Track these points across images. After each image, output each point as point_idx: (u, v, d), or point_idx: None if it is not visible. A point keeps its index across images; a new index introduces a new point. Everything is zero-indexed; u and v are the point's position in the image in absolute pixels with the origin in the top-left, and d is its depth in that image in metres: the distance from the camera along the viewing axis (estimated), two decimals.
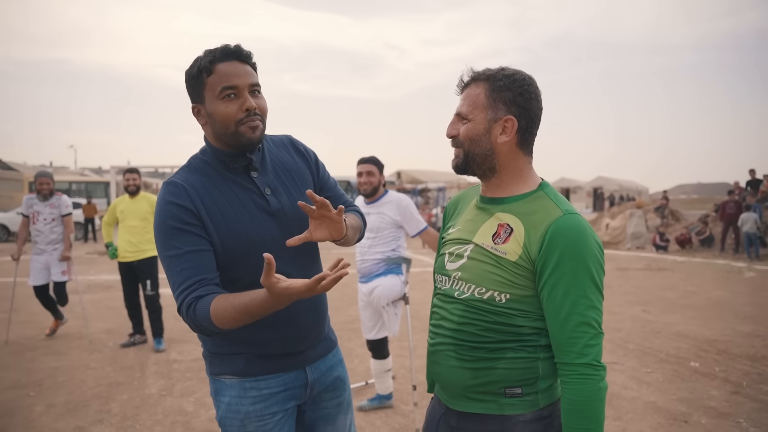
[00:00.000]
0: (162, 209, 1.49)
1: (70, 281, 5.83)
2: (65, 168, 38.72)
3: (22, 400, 4.08)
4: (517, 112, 1.36)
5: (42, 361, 5.05)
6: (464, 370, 1.37)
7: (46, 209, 5.57)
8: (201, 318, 1.41)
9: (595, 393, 1.26)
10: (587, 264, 1.28)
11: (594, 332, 1.28)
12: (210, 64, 1.47)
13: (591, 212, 34.91)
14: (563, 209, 1.33)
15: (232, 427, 1.59)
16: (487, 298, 1.34)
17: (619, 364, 4.82)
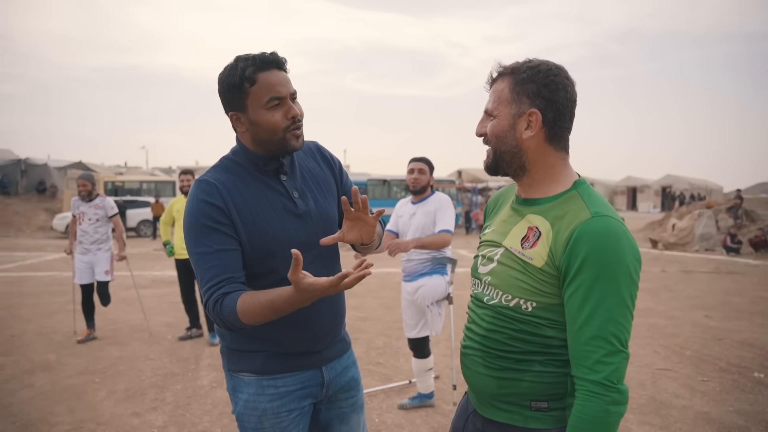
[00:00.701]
0: (194, 207, 1.52)
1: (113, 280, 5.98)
2: (138, 168, 40.84)
3: (89, 386, 4.39)
4: (542, 105, 1.28)
5: (107, 350, 5.40)
6: (490, 378, 1.33)
7: (90, 210, 5.75)
8: (227, 313, 1.45)
9: (602, 415, 1.16)
10: (614, 272, 1.17)
11: (610, 348, 1.17)
12: (253, 74, 1.49)
13: (659, 212, 33.41)
14: (593, 211, 1.23)
15: (250, 423, 1.63)
16: (514, 305, 1.28)
17: (673, 371, 4.63)
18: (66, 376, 4.63)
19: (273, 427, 1.62)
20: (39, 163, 28.68)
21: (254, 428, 1.63)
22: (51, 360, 5.09)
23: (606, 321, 1.17)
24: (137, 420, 3.71)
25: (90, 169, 29.14)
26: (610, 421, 1.17)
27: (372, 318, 6.77)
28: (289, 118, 1.54)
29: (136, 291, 6.95)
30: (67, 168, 28.52)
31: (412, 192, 3.83)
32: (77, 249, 5.87)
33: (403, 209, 3.92)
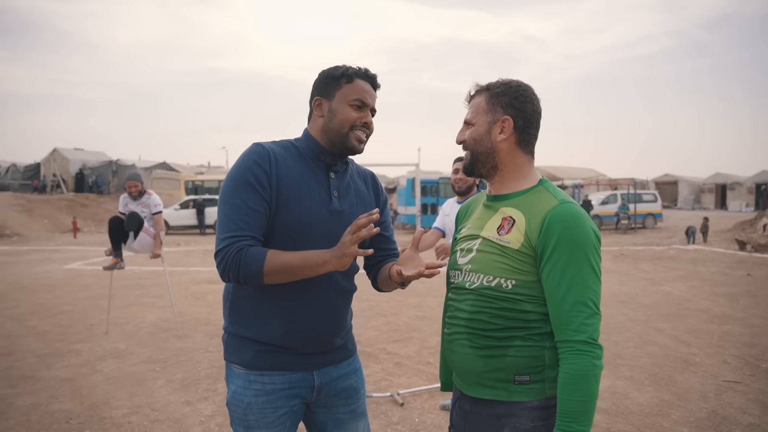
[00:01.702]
0: (244, 162, 1.60)
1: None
2: (220, 168, 42.84)
3: (150, 374, 4.68)
4: (513, 113, 1.50)
5: (171, 342, 5.73)
6: (477, 358, 1.46)
7: (138, 207, 5.88)
8: (253, 259, 1.50)
9: (590, 368, 1.34)
10: (583, 248, 1.38)
11: (590, 311, 1.37)
12: (353, 75, 1.68)
13: (751, 211, 30.94)
14: (559, 199, 1.44)
15: (236, 413, 1.68)
16: (495, 285, 1.44)
17: (743, 384, 4.29)
18: (131, 363, 4.96)
19: (257, 421, 1.65)
20: (128, 163, 30.77)
21: (240, 419, 1.67)
22: (120, 348, 5.47)
23: (583, 289, 1.37)
24: (188, 408, 3.91)
25: (173, 169, 30.95)
26: (596, 374, 1.35)
27: (429, 317, 6.75)
28: (362, 121, 1.68)
29: (206, 285, 7.30)
30: (153, 168, 30.41)
31: (457, 192, 3.84)
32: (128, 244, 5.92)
33: (449, 208, 3.94)
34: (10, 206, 24.61)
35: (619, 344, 5.43)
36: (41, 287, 9.34)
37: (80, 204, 26.83)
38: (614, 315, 6.80)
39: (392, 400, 4.05)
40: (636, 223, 22.54)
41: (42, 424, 3.69)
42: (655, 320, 6.46)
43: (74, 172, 30.39)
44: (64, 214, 25.44)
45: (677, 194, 41.62)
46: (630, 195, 23.17)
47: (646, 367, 4.72)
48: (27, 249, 16.85)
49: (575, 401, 1.33)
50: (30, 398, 4.14)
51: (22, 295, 8.56)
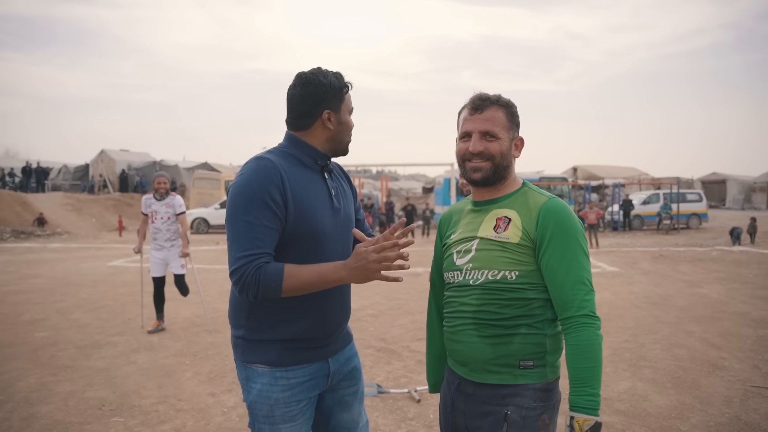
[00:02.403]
0: (256, 180, 1.62)
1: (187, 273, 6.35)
2: None
3: (179, 366, 4.88)
4: (517, 133, 1.72)
5: (202, 336, 5.95)
6: (485, 346, 1.60)
7: (162, 208, 5.98)
8: (270, 276, 1.55)
9: (594, 338, 1.51)
10: (575, 234, 1.58)
11: (587, 288, 1.55)
12: (348, 85, 1.79)
13: None
14: (547, 196, 1.64)
15: (261, 411, 1.73)
16: (500, 278, 1.59)
17: None
18: (163, 356, 5.19)
19: (283, 415, 1.72)
20: (171, 164, 31.74)
21: (265, 416, 1.73)
22: (154, 342, 5.72)
23: (580, 269, 1.55)
24: (212, 399, 4.08)
25: (214, 170, 31.72)
26: (599, 342, 1.52)
27: None
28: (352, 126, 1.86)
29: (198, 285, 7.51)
30: (195, 168, 31.27)
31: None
32: (152, 246, 6.16)
33: None
34: (61, 206, 25.78)
35: (645, 346, 5.33)
36: (86, 283, 9.80)
37: (125, 203, 27.84)
38: (644, 317, 6.67)
39: (409, 397, 4.12)
40: (679, 224, 21.85)
41: (77, 409, 3.92)
42: (686, 323, 6.30)
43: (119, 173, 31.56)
44: (110, 213, 26.47)
45: (725, 193, 40.06)
46: (673, 194, 22.48)
47: (671, 369, 4.63)
48: (75, 246, 17.64)
49: (585, 368, 1.49)
50: (68, 385, 4.40)
51: (69, 290, 9.00)
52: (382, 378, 4.55)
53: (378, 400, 4.04)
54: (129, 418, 3.75)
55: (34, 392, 4.26)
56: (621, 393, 4.12)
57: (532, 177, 25.02)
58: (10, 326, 6.44)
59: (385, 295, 8.05)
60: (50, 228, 22.62)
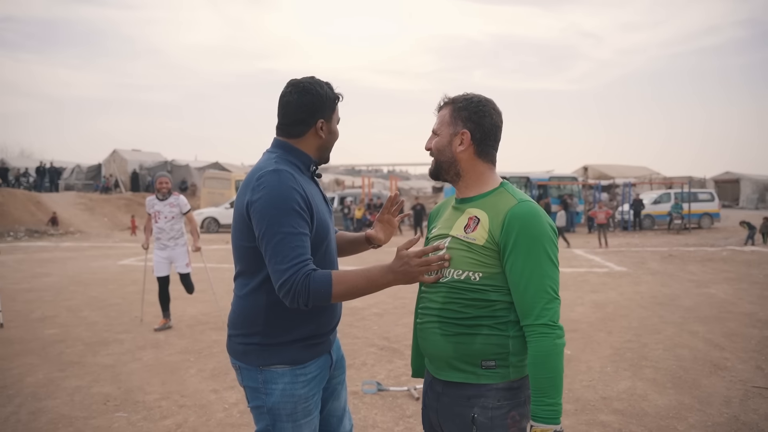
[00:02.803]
0: (283, 191, 1.65)
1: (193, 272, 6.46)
2: None
3: (183, 363, 4.96)
4: (471, 127, 1.66)
5: (208, 334, 6.02)
6: (447, 344, 1.62)
7: (165, 208, 6.06)
8: (320, 284, 1.60)
9: (552, 348, 1.50)
10: (541, 240, 1.54)
11: (549, 297, 1.52)
12: (339, 96, 1.86)
13: None
14: (518, 199, 1.60)
15: (285, 410, 1.74)
16: (464, 278, 1.59)
17: None
18: (168, 353, 5.27)
19: (303, 411, 1.77)
20: (182, 164, 32.01)
21: (289, 414, 1.75)
22: (160, 339, 5.80)
23: (542, 277, 1.53)
24: (214, 396, 4.14)
25: (225, 169, 31.94)
26: (558, 351, 1.50)
27: None
28: None
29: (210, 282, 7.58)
30: (206, 168, 31.50)
31: None
32: (156, 245, 6.25)
33: None
34: (74, 205, 26.10)
35: (648, 346, 5.32)
36: (96, 281, 9.94)
37: (137, 203, 28.10)
38: (649, 317, 6.65)
39: (409, 394, 4.15)
40: (690, 224, 21.66)
41: (83, 404, 4.00)
42: (691, 323, 6.27)
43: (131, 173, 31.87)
44: (122, 213, 26.76)
45: (739, 193, 39.61)
46: (684, 194, 22.29)
47: (672, 369, 4.63)
48: (87, 245, 17.86)
49: (543, 378, 1.50)
50: (75, 381, 4.49)
51: (79, 288, 9.14)
52: (383, 376, 4.59)
53: (377, 398, 4.08)
54: (132, 414, 3.83)
55: (42, 387, 4.35)
56: (620, 392, 4.12)
57: (541, 176, 24.92)
58: (21, 323, 6.57)
59: (390, 294, 8.08)
60: (63, 227, 22.92)
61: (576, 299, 7.85)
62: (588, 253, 14.14)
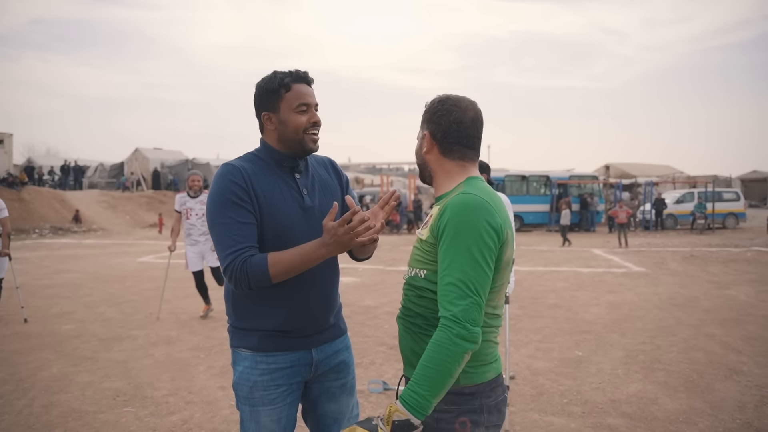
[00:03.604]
0: (220, 184, 1.76)
1: None
2: None
3: (194, 360, 5.01)
4: (431, 128, 1.65)
5: (220, 331, 6.08)
6: (406, 340, 1.63)
7: (197, 205, 6.41)
8: (257, 268, 1.67)
9: (447, 342, 1.38)
10: (463, 233, 1.45)
11: (460, 293, 1.41)
12: (289, 83, 1.81)
13: None
14: (462, 191, 1.54)
15: (242, 392, 1.85)
16: (414, 275, 1.60)
17: None
18: (179, 350, 5.33)
19: (261, 398, 1.83)
20: (202, 162, 32.38)
21: (246, 397, 1.84)
22: (173, 336, 5.87)
23: (456, 271, 1.43)
24: (221, 393, 4.18)
25: None
26: (453, 350, 1.38)
27: None
28: (311, 122, 1.84)
29: None
30: None
31: None
32: (187, 241, 6.56)
33: None
34: (97, 203, 26.61)
35: (662, 348, 5.22)
36: (114, 278, 10.12)
37: (158, 201, 28.55)
38: (665, 318, 6.52)
39: None
40: (714, 223, 21.23)
41: (93, 398, 4.07)
42: (708, 325, 6.14)
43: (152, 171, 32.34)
44: (143, 211, 27.20)
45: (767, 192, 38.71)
46: (708, 193, 21.84)
47: (685, 373, 4.53)
48: (108, 242, 18.19)
49: (423, 365, 1.40)
50: (88, 376, 4.57)
51: (97, 285, 9.31)
52: (390, 375, 4.58)
53: (383, 397, 4.08)
54: (140, 409, 3.88)
55: (55, 381, 4.44)
56: (630, 395, 4.05)
57: (561, 175, 24.65)
58: (40, 318, 6.71)
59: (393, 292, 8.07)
60: (86, 224, 23.38)
61: (591, 300, 7.75)
62: (607, 253, 13.95)
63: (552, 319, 6.53)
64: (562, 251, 14.80)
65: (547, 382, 4.35)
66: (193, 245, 6.53)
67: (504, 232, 1.50)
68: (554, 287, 8.86)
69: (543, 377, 4.47)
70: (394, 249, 15.14)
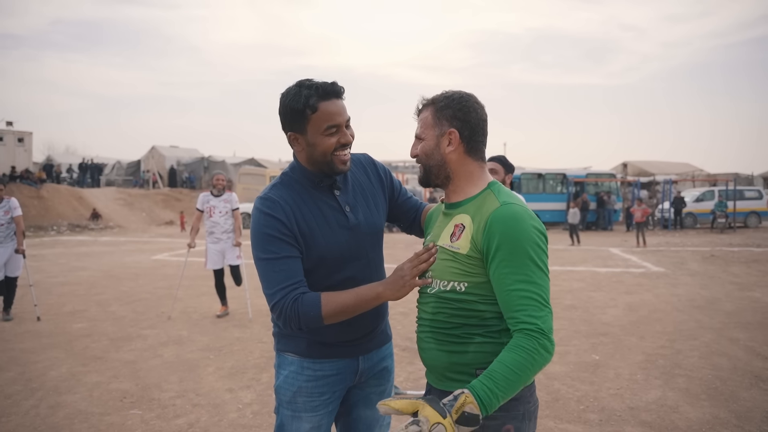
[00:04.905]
0: (259, 219, 1.69)
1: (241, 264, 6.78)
2: None
3: (203, 360, 4.96)
4: (458, 125, 1.57)
5: (230, 331, 6.03)
6: (441, 353, 1.56)
7: (220, 204, 6.56)
8: (308, 307, 1.60)
9: (534, 350, 1.35)
10: (523, 245, 1.43)
11: (537, 304, 1.40)
12: (316, 103, 1.65)
13: None
14: (501, 201, 1.50)
15: (285, 396, 1.80)
16: (449, 288, 1.53)
17: None
18: (189, 350, 5.28)
19: (304, 404, 1.79)
20: (218, 160, 32.56)
21: (288, 401, 1.80)
22: (183, 336, 5.83)
23: (527, 283, 1.41)
24: (229, 395, 4.11)
25: (261, 165, 32.32)
26: (538, 359, 1.36)
27: None
28: (341, 143, 1.70)
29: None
30: (242, 164, 31.95)
31: None
32: (209, 239, 6.62)
33: None
34: (114, 200, 26.87)
35: (682, 352, 5.05)
36: (128, 276, 10.14)
37: (174, 198, 28.76)
38: (685, 321, 6.33)
39: None
40: (735, 222, 20.79)
41: (101, 400, 4.03)
42: (731, 329, 5.94)
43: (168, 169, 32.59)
44: (159, 208, 27.40)
45: None
46: (729, 191, 21.39)
47: (707, 379, 4.36)
48: (124, 240, 18.34)
49: (506, 367, 1.35)
50: (96, 376, 4.53)
51: (110, 283, 9.34)
52: (402, 378, 4.48)
53: None
54: (146, 411, 3.82)
55: (63, 381, 4.41)
56: (649, 402, 3.90)
57: (578, 173, 24.33)
58: (52, 317, 6.72)
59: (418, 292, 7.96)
60: (103, 222, 23.61)
61: (609, 301, 7.57)
62: (624, 253, 13.70)
63: (568, 321, 6.38)
64: (579, 250, 14.57)
65: (563, 387, 4.22)
66: (216, 243, 6.60)
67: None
68: (570, 287, 8.68)
69: (559, 382, 4.33)
70: (408, 248, 15.05)
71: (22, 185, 23.18)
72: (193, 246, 6.75)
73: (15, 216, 6.47)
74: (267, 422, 3.63)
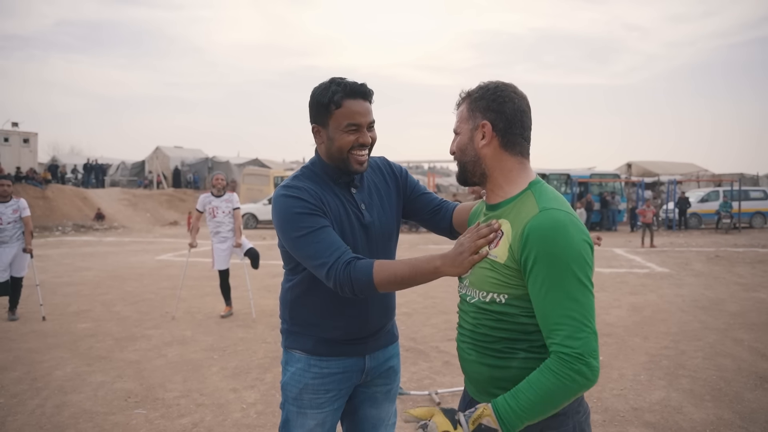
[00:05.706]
0: (286, 203, 1.67)
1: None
2: None
3: (207, 361, 4.97)
4: (492, 117, 1.45)
5: (234, 331, 6.04)
6: (482, 366, 1.45)
7: (222, 204, 6.60)
8: (360, 273, 1.54)
9: (566, 376, 1.25)
10: (565, 260, 1.29)
11: (576, 325, 1.27)
12: (340, 99, 1.67)
13: None
14: (541, 206, 1.36)
15: (291, 392, 1.83)
16: (489, 300, 1.42)
17: None
18: (193, 350, 5.30)
19: (310, 401, 1.81)
20: (222, 160, 32.62)
21: (294, 398, 1.83)
22: (187, 336, 5.85)
23: (567, 300, 1.28)
24: (233, 395, 4.12)
25: (265, 166, 32.35)
26: (570, 387, 1.26)
27: None
28: (359, 143, 1.71)
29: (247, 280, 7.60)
30: (245, 165, 32.00)
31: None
32: (215, 240, 6.64)
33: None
34: (118, 201, 26.95)
35: (686, 353, 5.03)
36: (132, 276, 10.18)
37: (179, 199, 28.82)
38: (689, 322, 6.32)
39: (429, 399, 4.04)
40: (740, 223, 20.71)
41: (105, 399, 4.04)
42: (736, 330, 5.92)
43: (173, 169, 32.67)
44: (164, 208, 27.46)
45: None
46: (734, 192, 21.31)
47: (712, 380, 4.35)
48: (128, 240, 18.39)
49: (533, 390, 1.27)
50: (101, 376, 4.55)
51: (115, 283, 9.37)
52: (406, 379, 4.48)
53: (396, 401, 3.98)
54: (151, 411, 3.84)
55: (68, 381, 4.43)
56: (653, 403, 3.89)
57: (582, 173, 24.29)
58: (57, 317, 6.75)
59: (421, 293, 7.96)
60: (107, 222, 23.69)
61: (613, 301, 7.55)
62: (629, 253, 13.66)
63: None
64: None
65: None
66: (222, 242, 6.62)
67: None
68: None
69: None
70: (412, 248, 15.04)
71: (27, 186, 23.28)
72: (194, 245, 6.79)
73: (24, 216, 6.53)
74: (271, 422, 3.64)
